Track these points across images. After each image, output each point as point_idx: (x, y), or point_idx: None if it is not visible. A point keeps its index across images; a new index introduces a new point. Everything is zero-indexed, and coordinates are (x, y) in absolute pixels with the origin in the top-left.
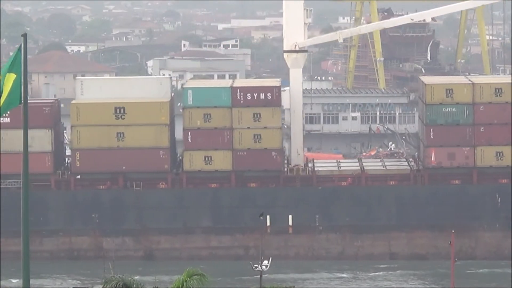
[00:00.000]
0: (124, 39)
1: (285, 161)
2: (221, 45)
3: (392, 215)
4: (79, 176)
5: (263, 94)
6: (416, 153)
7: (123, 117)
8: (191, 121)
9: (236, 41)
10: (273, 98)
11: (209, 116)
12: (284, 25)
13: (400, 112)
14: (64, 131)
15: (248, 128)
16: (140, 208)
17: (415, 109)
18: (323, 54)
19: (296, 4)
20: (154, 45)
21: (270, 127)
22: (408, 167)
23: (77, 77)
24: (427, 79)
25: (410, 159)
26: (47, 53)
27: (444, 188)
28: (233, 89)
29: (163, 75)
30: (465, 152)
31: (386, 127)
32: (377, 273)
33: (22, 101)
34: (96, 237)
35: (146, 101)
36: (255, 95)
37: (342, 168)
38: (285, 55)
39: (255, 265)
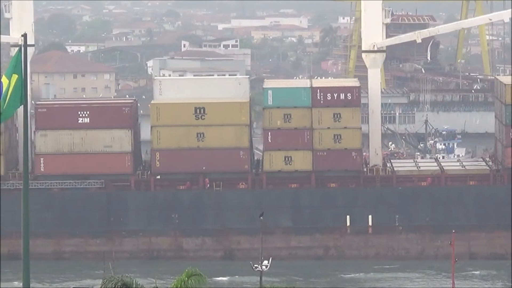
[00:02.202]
0: (124, 39)
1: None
2: (221, 45)
3: (472, 215)
4: (159, 177)
5: (343, 94)
6: (491, 153)
7: (203, 117)
8: (271, 121)
9: (236, 41)
10: (353, 98)
11: (289, 116)
12: (363, 25)
13: (400, 112)
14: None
15: (328, 128)
16: (220, 209)
17: (415, 109)
18: (323, 54)
19: (374, 4)
20: (154, 45)
21: (350, 127)
22: (488, 167)
23: (155, 77)
24: (505, 79)
25: (487, 159)
26: (47, 53)
27: None
28: (313, 89)
29: (163, 75)
30: None
31: (386, 127)
32: (456, 273)
33: (23, 102)
34: (176, 238)
35: (226, 102)
36: (335, 95)
37: (422, 168)
38: (363, 55)
39: (255, 265)
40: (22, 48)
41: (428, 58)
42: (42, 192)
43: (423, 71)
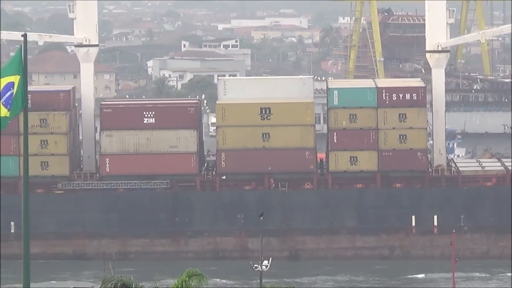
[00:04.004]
0: (124, 39)
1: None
2: (221, 45)
3: None
4: (224, 177)
5: (409, 94)
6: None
7: (268, 117)
8: (337, 121)
9: (236, 41)
10: (418, 99)
11: (354, 116)
12: (427, 25)
13: None
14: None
15: (394, 128)
16: (286, 209)
17: None
18: (323, 54)
19: (439, 5)
20: (154, 45)
21: (415, 127)
22: None
23: (219, 77)
24: None
25: None
26: (47, 54)
27: None
28: (378, 90)
29: (163, 75)
30: None
31: None
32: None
33: (25, 104)
34: (241, 238)
35: (291, 102)
36: (401, 96)
37: (486, 168)
38: (427, 55)
39: (255, 265)
40: (22, 48)
41: None
42: (108, 193)
43: (423, 71)
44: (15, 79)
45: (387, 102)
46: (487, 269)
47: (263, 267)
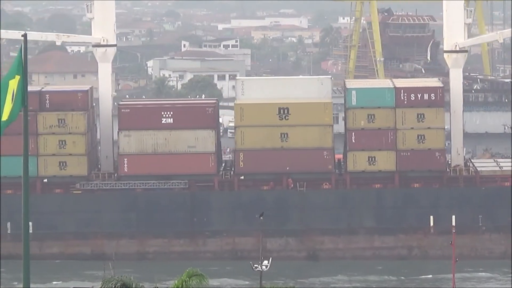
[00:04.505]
0: (124, 39)
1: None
2: (221, 45)
3: None
4: (242, 177)
5: (427, 94)
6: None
7: (287, 117)
8: (355, 121)
9: (236, 41)
10: (436, 99)
11: (373, 116)
12: (445, 25)
13: None
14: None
15: (412, 128)
16: (304, 209)
17: None
18: (323, 54)
19: (456, 5)
20: (154, 45)
21: (433, 127)
22: None
23: (237, 77)
24: None
25: None
26: (47, 53)
27: None
28: (396, 90)
29: (163, 75)
30: None
31: None
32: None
33: (25, 104)
34: (260, 238)
35: (310, 102)
36: (419, 96)
37: (504, 168)
38: (445, 55)
39: (255, 265)
40: (22, 48)
41: (428, 58)
42: (126, 193)
43: (423, 71)
44: (15, 79)
45: (405, 102)
46: (490, 269)
47: (263, 267)
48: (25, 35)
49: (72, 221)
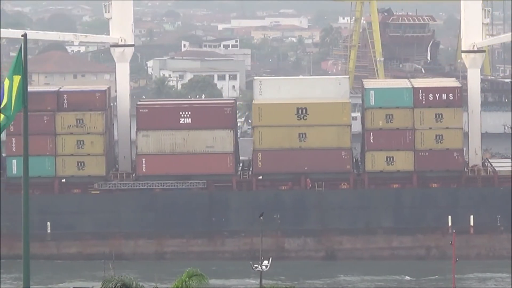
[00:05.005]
0: None
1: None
2: (221, 45)
3: None
4: (260, 177)
5: (445, 94)
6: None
7: (305, 117)
8: (373, 121)
9: (236, 41)
10: (454, 99)
11: (391, 116)
12: (462, 25)
13: None
14: None
15: (430, 128)
16: (322, 209)
17: None
18: (323, 54)
19: (474, 5)
20: (154, 45)
21: (452, 127)
22: None
23: (255, 77)
24: None
25: None
26: (47, 54)
27: None
28: (415, 90)
29: (163, 75)
30: None
31: None
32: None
33: (25, 104)
34: (278, 238)
35: (328, 102)
36: (437, 96)
37: None
38: (463, 55)
39: (255, 265)
40: (22, 48)
41: (428, 58)
42: (144, 193)
43: (423, 71)
44: (16, 79)
45: (424, 102)
46: (491, 269)
47: (263, 267)
48: (25, 35)
49: (90, 221)
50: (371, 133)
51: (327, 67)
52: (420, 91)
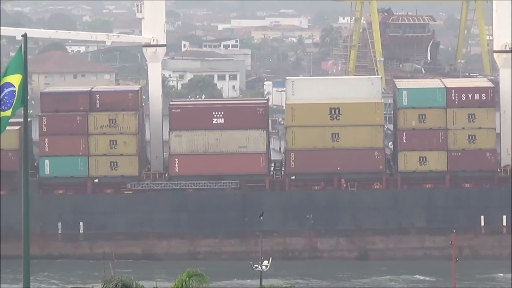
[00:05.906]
0: None
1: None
2: (221, 45)
3: None
4: (293, 177)
5: (478, 94)
6: None
7: (338, 117)
8: (406, 121)
9: (236, 41)
10: (487, 99)
11: (424, 116)
12: (494, 25)
13: None
14: None
15: (463, 128)
16: (355, 209)
17: None
18: (323, 54)
19: (506, 5)
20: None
21: (484, 127)
22: None
23: (287, 77)
24: None
25: None
26: (47, 53)
27: None
28: (447, 90)
29: (163, 75)
30: None
31: (386, 127)
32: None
33: (25, 103)
34: (311, 238)
35: (361, 102)
36: (470, 96)
37: None
38: (495, 55)
39: (255, 265)
40: (23, 48)
41: (428, 58)
42: (177, 193)
43: (423, 71)
44: (17, 78)
45: (456, 102)
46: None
47: (263, 267)
48: (25, 35)
49: (123, 221)
50: (404, 133)
51: (327, 67)
52: (453, 91)
